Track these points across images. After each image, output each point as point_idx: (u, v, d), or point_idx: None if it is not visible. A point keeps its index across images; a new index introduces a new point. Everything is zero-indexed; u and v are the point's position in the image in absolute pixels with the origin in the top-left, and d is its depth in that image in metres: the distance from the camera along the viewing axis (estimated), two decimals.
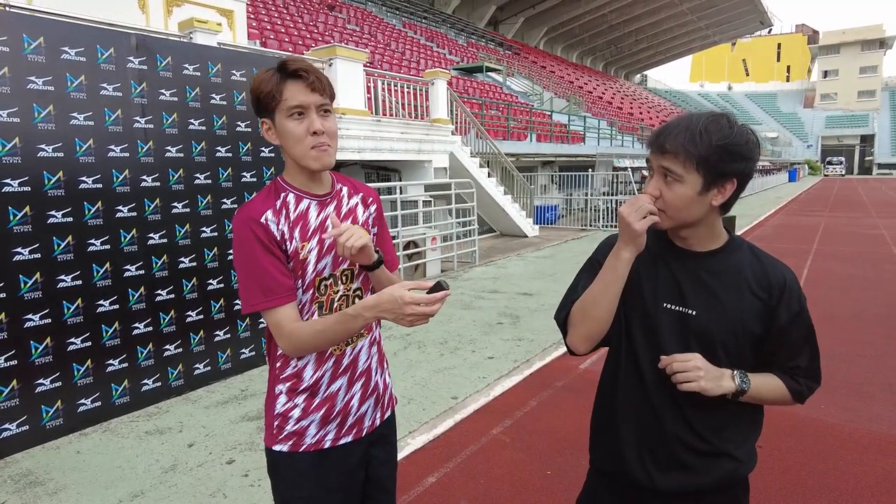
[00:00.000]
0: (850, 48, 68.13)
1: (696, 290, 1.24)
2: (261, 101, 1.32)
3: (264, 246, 1.32)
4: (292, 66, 1.30)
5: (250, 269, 1.32)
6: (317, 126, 1.31)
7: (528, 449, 3.27)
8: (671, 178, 1.17)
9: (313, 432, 1.43)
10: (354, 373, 1.48)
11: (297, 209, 1.38)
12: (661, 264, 1.28)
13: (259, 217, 1.32)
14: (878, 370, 4.44)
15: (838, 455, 3.21)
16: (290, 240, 1.35)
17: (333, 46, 8.26)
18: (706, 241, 1.26)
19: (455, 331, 5.59)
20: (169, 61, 3.95)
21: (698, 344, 1.23)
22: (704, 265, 1.26)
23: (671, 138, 1.16)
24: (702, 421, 1.25)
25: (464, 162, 11.20)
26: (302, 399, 1.42)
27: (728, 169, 1.15)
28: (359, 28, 21.48)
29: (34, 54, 3.31)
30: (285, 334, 1.32)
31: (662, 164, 1.17)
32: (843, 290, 7.21)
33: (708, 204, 1.19)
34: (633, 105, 38.77)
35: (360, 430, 1.49)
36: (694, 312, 1.23)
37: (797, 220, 16.10)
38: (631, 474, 1.30)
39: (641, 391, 1.29)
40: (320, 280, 1.40)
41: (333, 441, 1.45)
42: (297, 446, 1.42)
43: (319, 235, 1.39)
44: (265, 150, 4.57)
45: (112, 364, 3.69)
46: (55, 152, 3.40)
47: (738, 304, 1.23)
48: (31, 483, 2.94)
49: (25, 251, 3.29)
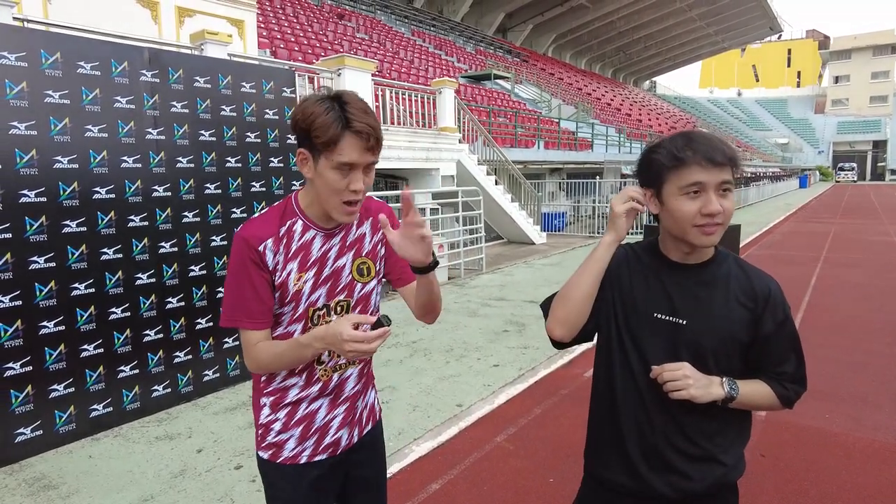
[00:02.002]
0: (862, 53, 67.69)
1: (687, 300, 1.29)
2: (311, 139, 1.27)
3: (255, 272, 1.35)
4: (357, 125, 1.25)
5: (236, 288, 1.36)
6: (358, 186, 1.30)
7: (531, 456, 3.30)
8: (727, 189, 1.24)
9: (291, 446, 1.47)
10: (338, 398, 1.50)
11: (302, 239, 1.39)
12: (653, 276, 1.34)
13: (258, 245, 1.34)
14: (885, 379, 4.43)
15: (841, 464, 3.21)
16: (282, 271, 1.36)
17: (342, 56, 8.37)
18: (703, 253, 1.32)
19: (461, 338, 5.63)
20: (180, 74, 4.05)
21: (688, 353, 1.28)
22: (695, 277, 1.31)
23: (718, 153, 1.22)
24: (693, 427, 1.30)
25: (471, 170, 11.27)
26: (283, 414, 1.46)
27: (736, 178, 1.29)
28: (368, 37, 21.67)
29: (51, 69, 3.41)
30: (252, 354, 1.37)
31: (723, 178, 1.23)
32: (851, 299, 7.18)
33: None
34: (642, 112, 38.74)
35: (336, 449, 1.52)
36: (684, 322, 1.28)
37: (807, 228, 16.01)
38: (623, 480, 1.35)
39: (634, 399, 1.34)
40: (314, 311, 1.42)
41: (310, 457, 1.48)
42: (276, 457, 1.47)
43: (319, 266, 1.40)
44: (274, 160, 4.65)
45: (123, 370, 3.77)
46: (70, 164, 3.49)
47: (727, 314, 1.28)
48: (44, 487, 3.02)
49: (41, 260, 3.38)
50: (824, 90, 72.87)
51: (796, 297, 7.16)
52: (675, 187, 1.24)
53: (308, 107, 1.27)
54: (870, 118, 65.69)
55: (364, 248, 1.49)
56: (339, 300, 1.45)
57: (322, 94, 1.29)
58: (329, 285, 1.42)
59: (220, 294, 4.30)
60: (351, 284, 1.46)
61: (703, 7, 43.03)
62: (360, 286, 1.48)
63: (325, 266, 1.42)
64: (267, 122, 4.60)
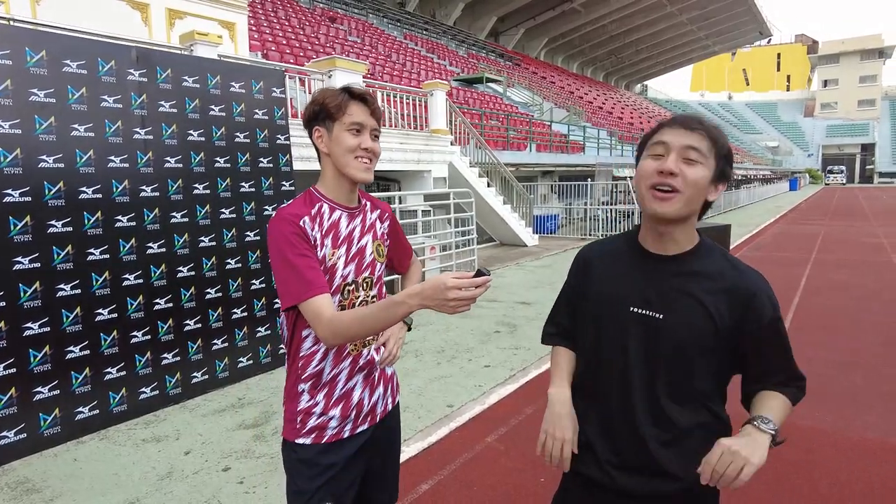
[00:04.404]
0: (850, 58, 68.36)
1: (665, 294, 1.25)
2: (324, 110, 1.48)
3: (302, 245, 1.43)
4: (358, 91, 1.50)
5: (289, 265, 1.41)
6: (368, 144, 1.50)
7: (522, 457, 3.28)
8: (695, 158, 1.19)
9: (334, 425, 1.55)
10: (371, 372, 1.62)
11: (331, 219, 1.52)
12: (631, 268, 1.30)
13: (298, 220, 1.45)
14: (874, 378, 4.45)
15: (832, 463, 3.22)
16: (321, 246, 1.48)
17: (333, 58, 8.36)
18: (682, 242, 1.27)
19: (452, 339, 5.61)
20: (169, 73, 4.02)
21: (668, 348, 1.24)
22: (674, 269, 1.26)
23: (697, 123, 1.20)
24: (667, 426, 1.26)
25: (463, 172, 11.26)
26: (322, 395, 1.54)
27: (726, 171, 1.23)
28: (360, 40, 21.67)
29: (36, 67, 3.37)
30: (325, 321, 1.35)
31: (689, 142, 1.19)
32: (841, 299, 7.22)
33: (705, 197, 1.23)
34: (634, 115, 38.92)
35: (373, 417, 1.63)
36: (661, 316, 1.24)
37: (797, 229, 16.12)
38: (595, 475, 1.33)
39: (610, 396, 1.31)
40: (345, 285, 1.53)
41: (352, 431, 1.58)
42: (320, 438, 1.54)
43: (347, 244, 1.54)
44: (263, 160, 4.62)
45: (110, 372, 3.72)
46: (56, 163, 3.45)
47: (708, 308, 1.22)
48: (27, 490, 2.97)
49: (25, 260, 3.33)
50: (813, 94, 73.53)
51: (787, 298, 7.20)
52: (646, 150, 1.25)
53: (321, 91, 1.52)
54: (858, 122, 66.33)
55: (378, 231, 1.66)
56: (364, 276, 1.58)
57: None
58: (356, 262, 1.56)
59: (208, 295, 4.26)
60: (373, 263, 1.61)
61: (693, 12, 43.33)
62: (380, 265, 1.64)
63: (353, 244, 1.56)
64: (256, 123, 4.57)
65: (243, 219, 4.48)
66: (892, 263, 9.93)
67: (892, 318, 6.21)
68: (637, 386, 1.27)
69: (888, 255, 10.84)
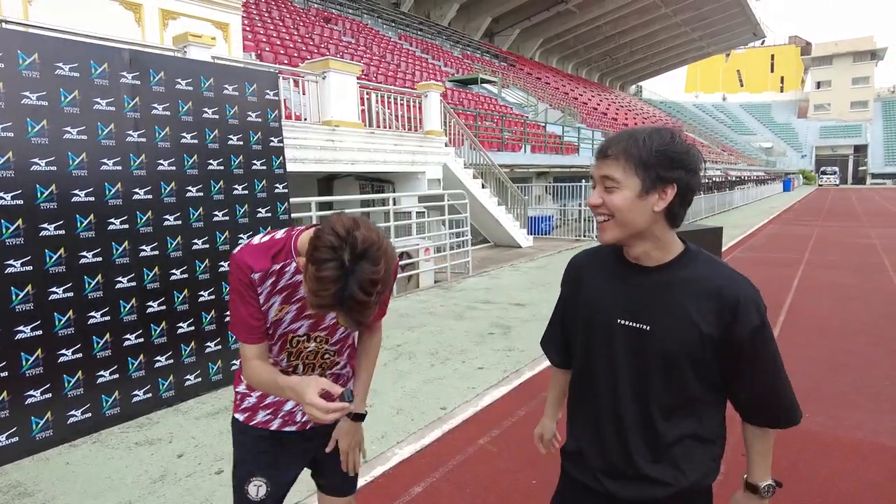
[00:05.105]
0: (843, 59, 68.84)
1: (650, 305, 1.24)
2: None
3: (249, 293, 1.46)
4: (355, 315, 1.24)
5: (235, 305, 1.49)
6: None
7: (515, 458, 3.30)
8: (610, 186, 1.21)
9: (262, 416, 1.66)
10: None
11: (292, 280, 1.47)
12: (617, 280, 1.30)
13: (250, 273, 1.45)
14: (864, 379, 4.49)
15: (822, 462, 3.25)
16: (266, 301, 1.48)
17: (327, 59, 8.36)
18: (656, 255, 1.26)
19: (446, 341, 5.62)
20: (162, 76, 4.01)
21: (658, 361, 1.23)
22: (658, 279, 1.25)
23: (614, 145, 1.21)
24: (654, 442, 1.26)
25: (457, 173, 11.29)
26: (257, 395, 1.65)
27: (666, 174, 1.18)
28: (354, 40, 21.67)
29: (29, 70, 3.37)
30: (248, 366, 1.50)
31: (603, 172, 1.22)
32: (832, 300, 7.28)
33: (650, 210, 1.19)
34: (628, 116, 39.06)
35: (303, 427, 1.68)
36: (648, 328, 1.24)
37: (790, 230, 16.21)
38: (588, 481, 1.35)
39: (599, 404, 1.33)
40: (293, 336, 1.56)
41: (279, 427, 1.66)
42: (250, 420, 1.66)
43: (302, 304, 1.48)
44: (256, 163, 4.62)
45: (103, 375, 3.72)
46: (48, 166, 3.45)
47: (694, 316, 1.20)
48: (19, 494, 2.96)
49: (17, 263, 3.32)
50: (807, 95, 73.99)
51: (779, 299, 7.25)
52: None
53: (319, 267, 1.18)
54: (851, 123, 66.80)
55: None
56: (318, 334, 1.58)
57: (339, 247, 1.18)
58: (312, 322, 1.55)
59: (201, 297, 4.26)
60: (334, 326, 1.58)
61: (687, 13, 43.55)
62: (342, 329, 1.60)
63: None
64: (250, 125, 4.57)
65: (236, 221, 4.48)
66: (882, 264, 10.01)
67: (882, 319, 6.26)
68: (625, 396, 1.28)
69: (880, 257, 10.92)
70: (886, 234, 14.94)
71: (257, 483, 1.62)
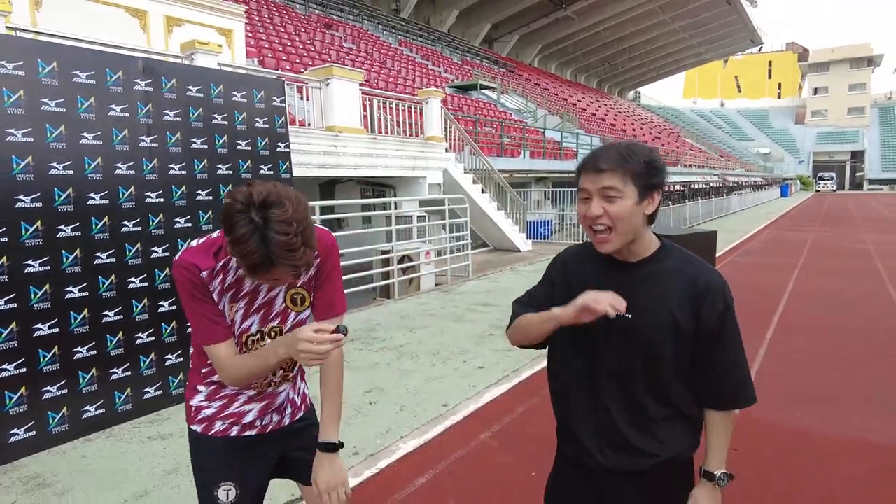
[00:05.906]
0: (840, 66, 69.29)
1: (633, 296, 1.35)
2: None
3: (199, 292, 1.44)
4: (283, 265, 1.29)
5: (193, 311, 1.46)
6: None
7: (514, 452, 3.42)
8: (613, 195, 1.32)
9: (219, 425, 1.60)
10: (270, 407, 1.65)
11: (237, 275, 1.46)
12: (600, 274, 1.43)
13: (198, 272, 1.42)
14: (857, 381, 4.60)
15: (812, 460, 3.37)
16: (219, 301, 1.47)
17: (330, 67, 8.51)
18: (639, 251, 1.40)
19: (448, 342, 5.75)
20: (174, 83, 4.15)
21: (643, 352, 1.36)
22: (638, 273, 1.39)
23: (604, 160, 1.33)
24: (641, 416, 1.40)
25: (457, 178, 11.43)
26: (217, 405, 1.60)
27: (654, 181, 1.33)
28: (355, 46, 21.84)
29: (48, 78, 3.50)
30: (224, 369, 1.47)
31: (603, 184, 1.33)
32: (826, 304, 7.41)
33: (642, 214, 1.34)
34: (627, 122, 39.28)
35: (263, 430, 1.65)
36: (630, 317, 1.35)
37: (787, 235, 16.36)
38: (583, 457, 1.47)
39: (586, 388, 1.45)
40: (247, 336, 1.53)
41: (238, 434, 1.62)
42: (208, 430, 1.60)
43: (250, 298, 1.50)
44: (264, 167, 4.76)
45: (116, 372, 3.84)
46: (66, 170, 3.58)
47: (672, 305, 1.34)
48: (39, 485, 3.08)
49: (36, 264, 3.45)
50: (804, 101, 74.42)
51: (774, 303, 7.38)
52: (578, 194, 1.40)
53: (234, 230, 1.26)
54: (848, 129, 67.18)
55: (300, 279, 1.55)
56: (272, 326, 1.56)
57: (244, 208, 1.26)
58: (262, 313, 1.53)
59: None
60: (285, 312, 1.56)
61: (685, 20, 43.84)
62: (294, 314, 1.59)
63: (258, 297, 1.51)
64: (257, 131, 4.71)
65: None
66: (876, 269, 10.15)
67: (875, 324, 6.39)
68: (610, 380, 1.40)
69: (874, 261, 11.06)
70: (881, 239, 15.09)
71: (226, 487, 1.59)
